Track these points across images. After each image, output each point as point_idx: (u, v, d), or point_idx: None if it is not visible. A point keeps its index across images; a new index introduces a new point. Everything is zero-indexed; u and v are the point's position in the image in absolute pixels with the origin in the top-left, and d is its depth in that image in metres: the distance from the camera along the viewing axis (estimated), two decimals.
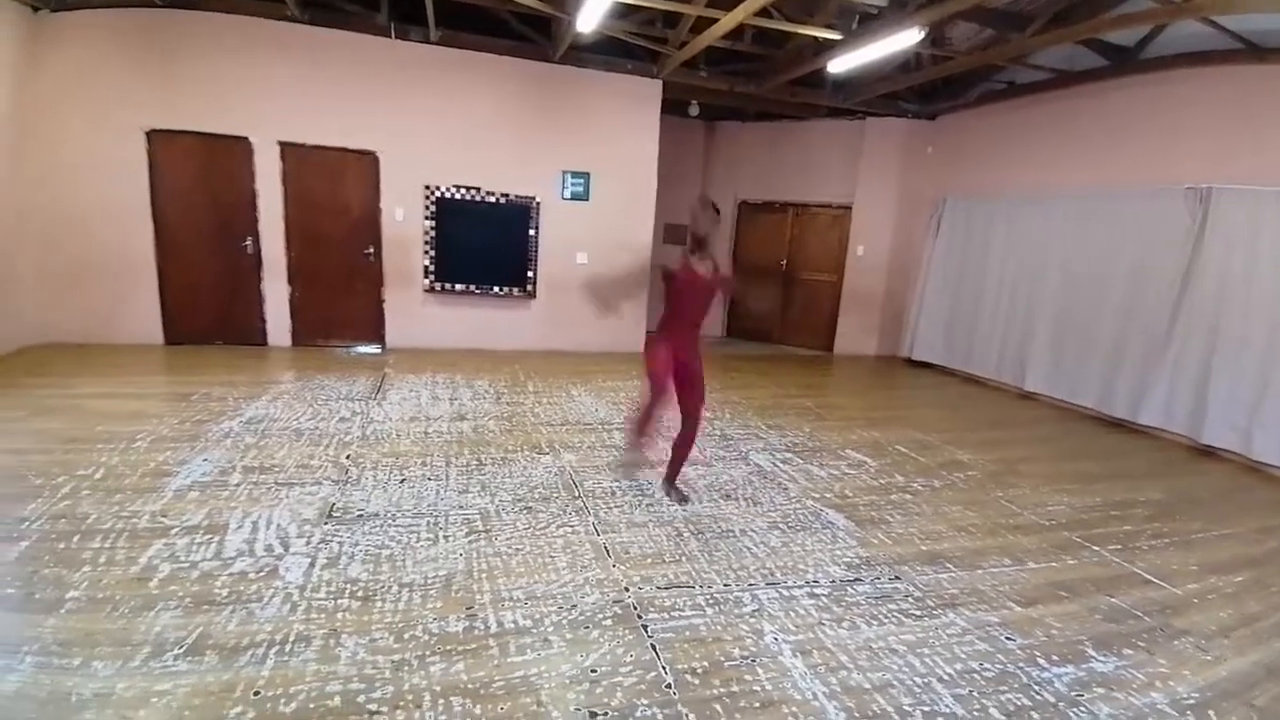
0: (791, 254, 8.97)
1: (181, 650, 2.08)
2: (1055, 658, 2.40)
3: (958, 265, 7.58)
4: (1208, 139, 5.30)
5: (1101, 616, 2.71)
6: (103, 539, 2.70)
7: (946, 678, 2.24)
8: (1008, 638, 2.50)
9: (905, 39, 4.96)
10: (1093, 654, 2.44)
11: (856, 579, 2.85)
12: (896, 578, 2.89)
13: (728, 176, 9.21)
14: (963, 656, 2.36)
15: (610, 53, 6.81)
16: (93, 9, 5.55)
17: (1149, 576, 3.09)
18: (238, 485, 3.31)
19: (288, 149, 6.14)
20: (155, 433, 3.94)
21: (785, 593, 2.70)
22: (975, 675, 2.26)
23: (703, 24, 5.59)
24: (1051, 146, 6.60)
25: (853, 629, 2.48)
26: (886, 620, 2.55)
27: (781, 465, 4.20)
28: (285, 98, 6.08)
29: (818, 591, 2.72)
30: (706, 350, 3.49)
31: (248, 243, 6.20)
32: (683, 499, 3.54)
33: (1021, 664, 2.35)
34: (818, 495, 3.75)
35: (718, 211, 3.29)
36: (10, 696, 1.86)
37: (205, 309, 6.24)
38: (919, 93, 7.72)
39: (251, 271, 6.27)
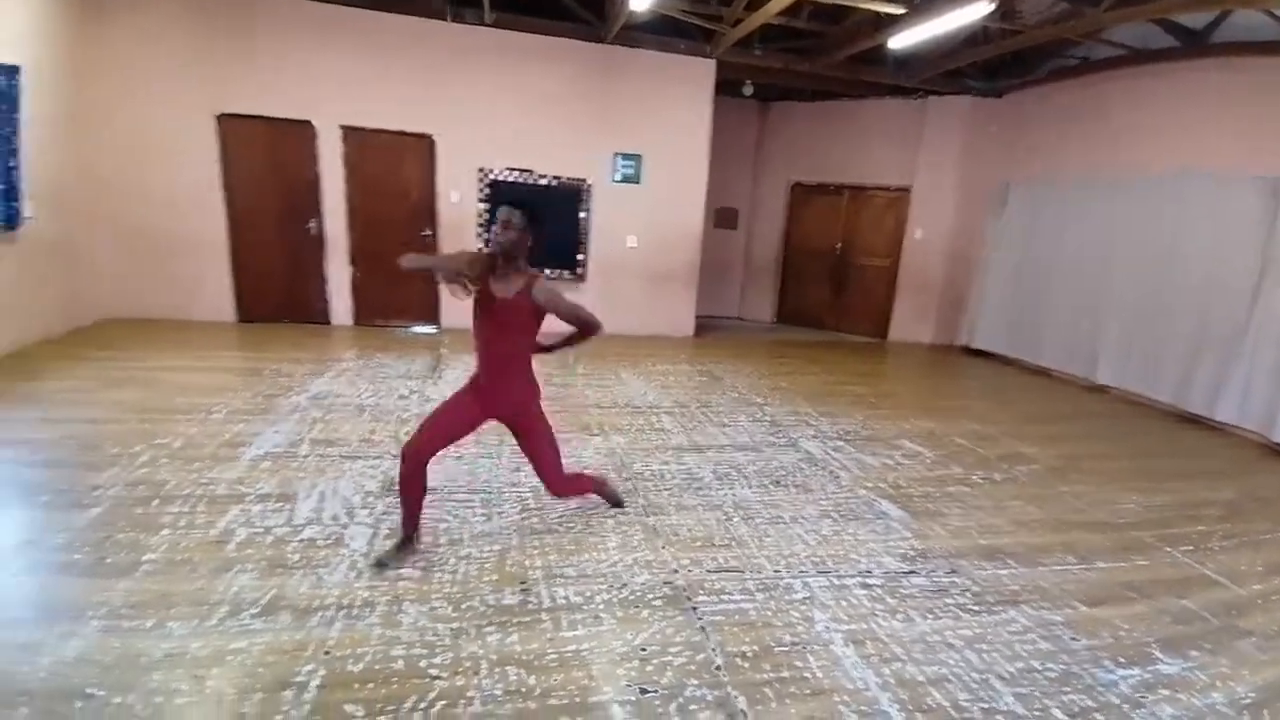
0: (846, 238, 8.75)
1: (257, 610, 2.21)
2: (1122, 660, 2.31)
3: (1024, 249, 7.26)
4: (1277, 127, 5.02)
5: (1171, 619, 2.60)
6: (182, 504, 2.88)
7: (1006, 676, 2.18)
8: (1072, 638, 2.42)
9: (973, 12, 4.73)
10: (1159, 656, 2.35)
11: (911, 571, 2.80)
12: (953, 571, 2.82)
13: (781, 158, 9.02)
14: (1024, 655, 2.30)
15: (663, 32, 6.73)
16: None
17: (1217, 577, 2.96)
18: (306, 457, 3.47)
19: (349, 132, 6.32)
20: (230, 405, 4.15)
21: (837, 581, 2.67)
22: (1037, 674, 2.20)
23: (758, 0, 5.45)
24: (1126, 127, 6.23)
25: (907, 621, 2.44)
26: (943, 614, 2.50)
27: (833, 453, 4.14)
28: (346, 81, 6.24)
29: (870, 582, 2.69)
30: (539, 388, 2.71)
31: (312, 225, 6.43)
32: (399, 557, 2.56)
33: (1086, 665, 2.27)
34: (870, 485, 3.69)
35: (529, 220, 2.39)
36: (70, 662, 1.93)
37: (273, 289, 6.52)
38: (985, 69, 7.37)
39: (315, 253, 6.51)
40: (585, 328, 2.58)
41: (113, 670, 1.91)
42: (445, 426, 2.57)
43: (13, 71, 4.65)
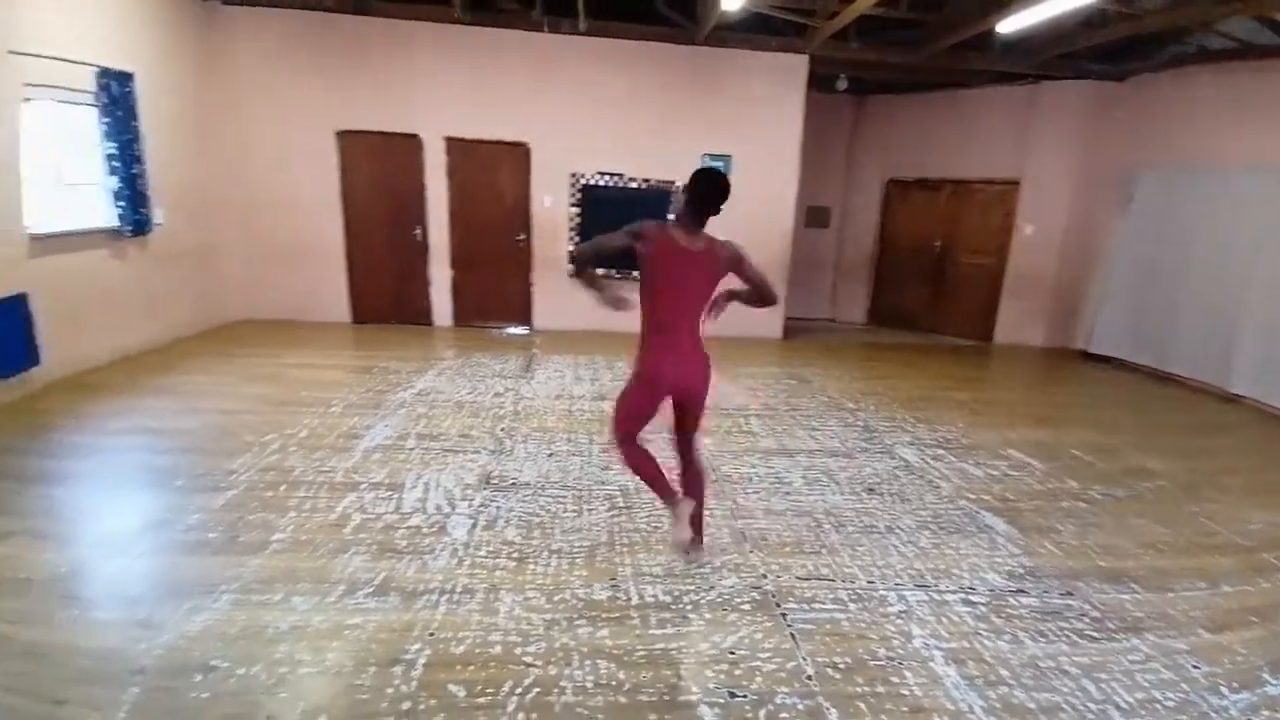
0: (946, 235, 8.30)
1: (370, 590, 2.38)
2: (1235, 684, 2.15)
3: (1153, 246, 6.61)
4: None
5: None
6: (306, 489, 3.14)
7: (1125, 706, 2.02)
8: (1194, 665, 2.24)
9: None
10: (1268, 678, 2.18)
11: (1020, 590, 2.63)
12: (1069, 593, 2.63)
13: (876, 154, 8.68)
14: (1145, 684, 2.13)
15: (755, 30, 6.64)
16: (262, 8, 6.18)
17: None
18: (412, 449, 3.70)
19: (452, 143, 6.66)
20: (346, 400, 4.49)
21: (936, 596, 2.55)
22: (1157, 705, 2.04)
23: None
24: (1266, 115, 5.58)
25: (1015, 643, 2.30)
26: (1056, 638, 2.34)
27: (931, 461, 3.96)
28: (450, 95, 6.58)
29: (974, 599, 2.55)
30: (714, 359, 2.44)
31: (417, 231, 6.83)
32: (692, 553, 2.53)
33: (1204, 692, 2.11)
34: (973, 496, 3.50)
35: (719, 188, 2.38)
36: (194, 637, 2.08)
37: (383, 292, 6.97)
38: (1105, 52, 6.80)
39: (420, 258, 6.90)
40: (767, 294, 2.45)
41: (238, 642, 2.07)
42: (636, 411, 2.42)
43: (126, 78, 4.90)
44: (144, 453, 3.50)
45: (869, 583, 2.62)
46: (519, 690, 1.95)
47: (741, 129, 7.00)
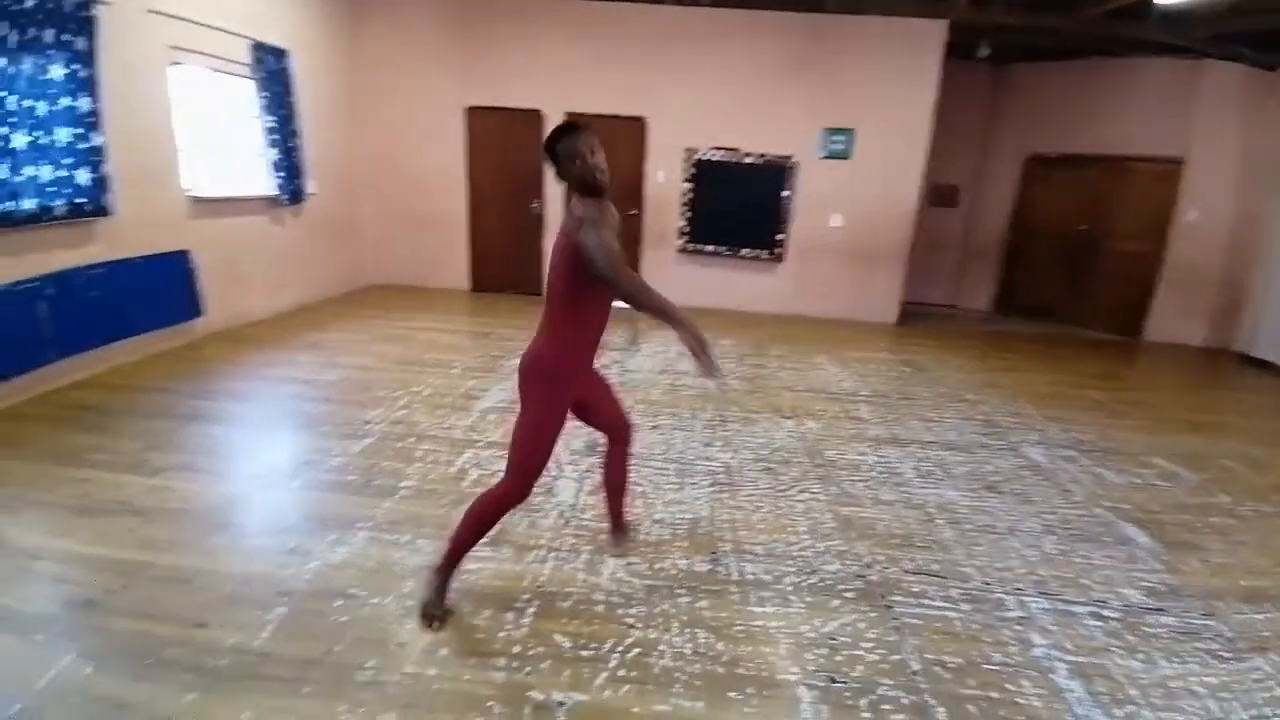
0: (1094, 217, 7.53)
1: (486, 541, 2.51)
2: None
3: None
4: None
5: None
6: (430, 443, 3.38)
7: None
8: None
9: None
10: None
11: (1159, 609, 2.40)
12: (1209, 614, 2.38)
13: (1018, 127, 7.96)
14: (1259, 702, 1.97)
15: None
16: None
17: None
18: None
19: (572, 118, 6.77)
20: (465, 363, 4.77)
21: (1062, 606, 2.38)
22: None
23: None
24: None
25: (1148, 663, 2.11)
26: (1190, 659, 2.14)
27: (1063, 463, 3.66)
28: (572, 70, 6.69)
29: (1106, 614, 2.35)
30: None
31: (535, 204, 7.06)
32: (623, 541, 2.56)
33: None
34: (1111, 504, 3.21)
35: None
36: (336, 566, 2.32)
37: (499, 262, 7.30)
38: (1255, 40, 5.91)
39: (535, 230, 7.14)
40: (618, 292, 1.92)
41: (373, 575, 2.29)
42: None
43: (282, 54, 5.29)
44: (294, 400, 3.90)
45: (985, 584, 2.49)
46: (620, 648, 2.02)
47: (867, 101, 6.65)
